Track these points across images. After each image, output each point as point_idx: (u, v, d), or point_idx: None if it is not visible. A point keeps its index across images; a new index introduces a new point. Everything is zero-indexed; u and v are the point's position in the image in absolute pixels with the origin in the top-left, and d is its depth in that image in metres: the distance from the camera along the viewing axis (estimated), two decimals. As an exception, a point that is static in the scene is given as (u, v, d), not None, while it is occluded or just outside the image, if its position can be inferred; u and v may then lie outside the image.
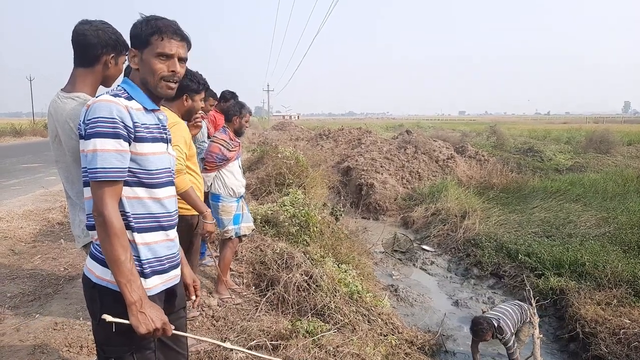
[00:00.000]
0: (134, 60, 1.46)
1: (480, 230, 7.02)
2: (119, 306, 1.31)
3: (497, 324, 3.62)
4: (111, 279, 1.33)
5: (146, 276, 1.41)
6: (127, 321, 1.30)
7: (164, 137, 1.51)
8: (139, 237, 1.40)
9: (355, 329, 3.39)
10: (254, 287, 3.93)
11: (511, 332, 3.68)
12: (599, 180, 9.97)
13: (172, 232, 1.52)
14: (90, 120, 1.32)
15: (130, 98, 1.42)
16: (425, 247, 7.28)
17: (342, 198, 10.13)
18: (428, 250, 7.13)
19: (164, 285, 1.49)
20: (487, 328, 3.59)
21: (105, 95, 1.38)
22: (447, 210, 8.10)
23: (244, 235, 3.76)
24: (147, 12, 1.47)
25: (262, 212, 5.44)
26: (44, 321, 2.92)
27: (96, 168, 1.30)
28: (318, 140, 17.95)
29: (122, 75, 1.98)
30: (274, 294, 3.66)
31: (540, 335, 3.82)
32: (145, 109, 1.45)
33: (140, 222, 1.41)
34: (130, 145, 1.37)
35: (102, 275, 1.38)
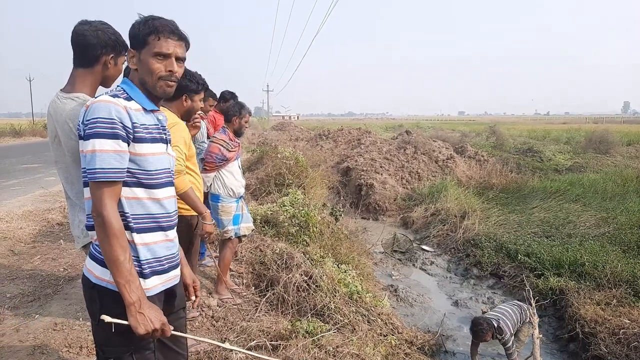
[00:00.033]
0: (132, 60, 1.46)
1: (480, 230, 7.02)
2: (118, 306, 1.31)
3: (496, 324, 3.63)
4: (110, 279, 1.33)
5: (145, 276, 1.41)
6: (126, 322, 1.30)
7: (163, 137, 1.50)
8: (138, 237, 1.40)
9: (355, 329, 3.38)
10: (253, 288, 3.93)
11: (511, 332, 3.68)
12: (599, 180, 9.98)
13: (171, 232, 1.52)
14: (89, 120, 1.33)
15: (130, 98, 1.42)
16: (424, 247, 7.27)
17: (342, 198, 10.13)
18: (428, 251, 7.13)
19: (164, 285, 1.49)
20: (487, 328, 3.60)
21: (104, 96, 1.38)
22: (447, 211, 8.10)
23: (244, 236, 3.76)
24: (147, 13, 1.47)
25: (262, 213, 5.44)
26: (43, 322, 2.92)
27: (95, 168, 1.30)
28: (318, 140, 17.94)
29: (122, 76, 1.98)
30: (273, 294, 3.65)
31: (540, 335, 3.82)
32: (145, 109, 1.45)
33: (140, 222, 1.41)
34: (129, 145, 1.37)
35: (101, 276, 1.38)
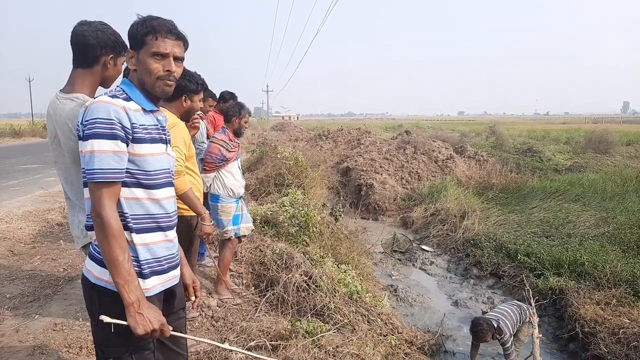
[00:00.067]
0: (131, 61, 1.46)
1: (480, 230, 7.02)
2: (118, 307, 1.31)
3: (496, 325, 3.63)
4: (109, 279, 1.33)
5: (145, 277, 1.41)
6: (124, 322, 1.30)
7: (162, 138, 1.50)
8: (137, 237, 1.40)
9: (355, 329, 3.38)
10: (253, 288, 3.93)
11: (510, 333, 3.68)
12: (598, 180, 9.98)
13: (171, 232, 1.52)
14: (87, 121, 1.33)
15: (129, 99, 1.42)
16: (424, 247, 7.28)
17: (342, 198, 10.13)
18: (427, 251, 7.13)
19: (163, 285, 1.49)
20: (486, 329, 3.60)
21: (103, 97, 1.38)
22: (447, 211, 8.10)
23: (244, 236, 3.76)
24: (147, 13, 1.47)
25: (262, 213, 5.44)
26: (43, 322, 2.92)
27: (93, 169, 1.30)
28: (317, 140, 17.93)
29: (122, 76, 1.98)
30: (273, 294, 3.65)
31: (540, 335, 3.82)
32: (144, 109, 1.45)
33: (139, 222, 1.41)
34: (128, 146, 1.37)
35: (100, 276, 1.38)
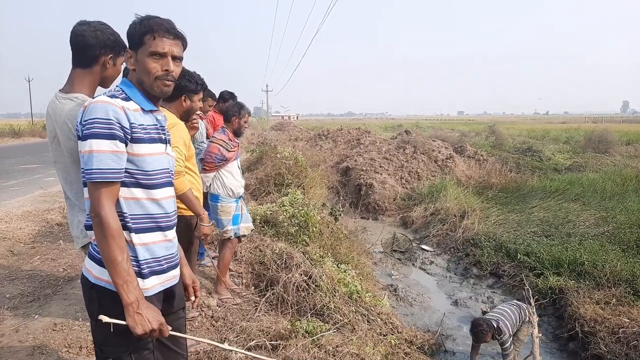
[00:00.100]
0: (130, 61, 1.46)
1: (480, 229, 7.02)
2: (117, 306, 1.31)
3: (496, 325, 3.63)
4: (109, 279, 1.33)
5: (144, 276, 1.41)
6: (123, 322, 1.30)
7: (162, 137, 1.50)
8: (136, 237, 1.40)
9: (355, 328, 3.38)
10: (253, 288, 3.93)
11: (509, 333, 3.68)
12: (598, 179, 9.98)
13: (170, 232, 1.52)
14: (86, 121, 1.33)
15: (128, 99, 1.42)
16: (424, 246, 7.27)
17: (341, 198, 10.13)
18: (427, 250, 7.13)
19: (162, 285, 1.49)
20: (487, 329, 3.60)
21: (102, 97, 1.38)
22: (446, 210, 8.10)
23: (243, 236, 3.76)
24: (146, 13, 1.46)
25: (262, 213, 5.44)
26: (43, 322, 2.93)
27: (92, 169, 1.30)
28: (317, 140, 17.91)
29: (121, 76, 1.98)
30: (273, 294, 3.66)
31: (540, 335, 3.82)
32: (143, 109, 1.45)
33: (138, 222, 1.41)
34: (126, 146, 1.37)
35: (99, 276, 1.38)
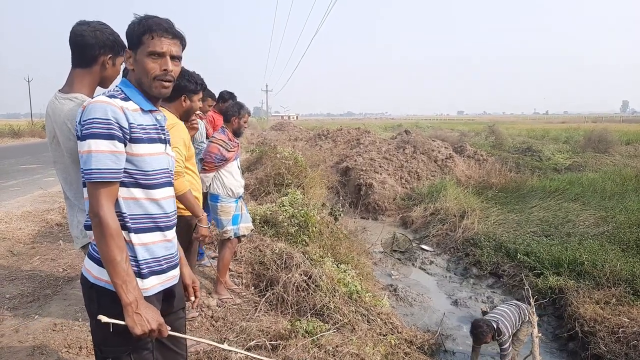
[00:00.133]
0: (129, 61, 1.46)
1: (479, 229, 7.02)
2: (116, 306, 1.31)
3: (496, 326, 3.63)
4: (108, 279, 1.33)
5: (143, 276, 1.41)
6: (122, 322, 1.30)
7: (161, 137, 1.50)
8: (135, 237, 1.40)
9: (355, 328, 3.38)
10: (253, 288, 3.93)
11: (509, 334, 3.68)
12: (598, 179, 9.98)
13: (170, 232, 1.52)
14: (85, 121, 1.33)
15: (127, 99, 1.42)
16: (424, 246, 7.27)
17: (341, 198, 10.12)
18: (427, 250, 7.13)
19: (162, 285, 1.49)
20: (487, 331, 3.60)
21: (100, 97, 1.38)
22: (446, 210, 8.10)
23: (243, 236, 3.76)
24: (146, 13, 1.46)
25: (261, 213, 5.44)
26: (43, 322, 2.92)
27: (91, 169, 1.30)
28: (317, 140, 17.91)
29: (121, 76, 1.98)
30: (273, 294, 3.65)
31: (539, 334, 3.82)
32: (142, 109, 1.45)
33: (137, 222, 1.41)
34: (125, 146, 1.37)
35: (99, 276, 1.38)
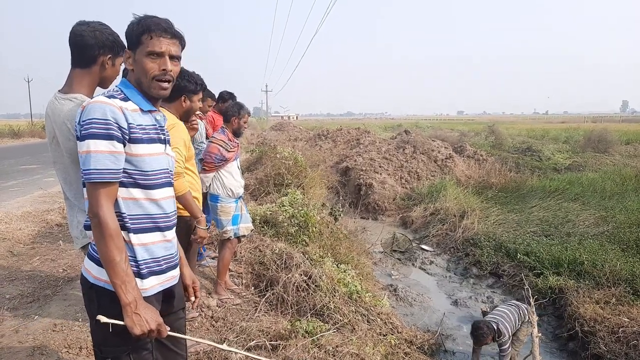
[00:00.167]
0: (129, 61, 1.46)
1: (479, 229, 7.03)
2: (116, 307, 1.31)
3: (496, 327, 3.63)
4: (107, 279, 1.33)
5: (143, 277, 1.41)
6: (121, 322, 1.30)
7: (161, 138, 1.50)
8: (135, 237, 1.40)
9: (355, 328, 3.39)
10: (253, 288, 3.93)
11: (509, 334, 3.68)
12: (598, 179, 9.99)
13: (169, 233, 1.52)
14: (84, 121, 1.33)
15: (127, 99, 1.42)
16: (424, 246, 7.28)
17: (341, 198, 10.12)
18: (427, 250, 7.13)
19: (162, 286, 1.49)
20: (487, 332, 3.60)
21: (100, 97, 1.38)
22: (446, 210, 8.10)
23: (243, 236, 3.76)
24: (146, 13, 1.46)
25: (261, 213, 5.44)
26: (43, 322, 2.92)
27: (90, 169, 1.30)
28: (316, 140, 17.91)
29: (121, 77, 1.98)
30: (273, 294, 3.65)
31: (539, 334, 3.82)
32: (142, 110, 1.45)
33: (136, 222, 1.41)
34: (125, 146, 1.36)
35: (98, 276, 1.38)
